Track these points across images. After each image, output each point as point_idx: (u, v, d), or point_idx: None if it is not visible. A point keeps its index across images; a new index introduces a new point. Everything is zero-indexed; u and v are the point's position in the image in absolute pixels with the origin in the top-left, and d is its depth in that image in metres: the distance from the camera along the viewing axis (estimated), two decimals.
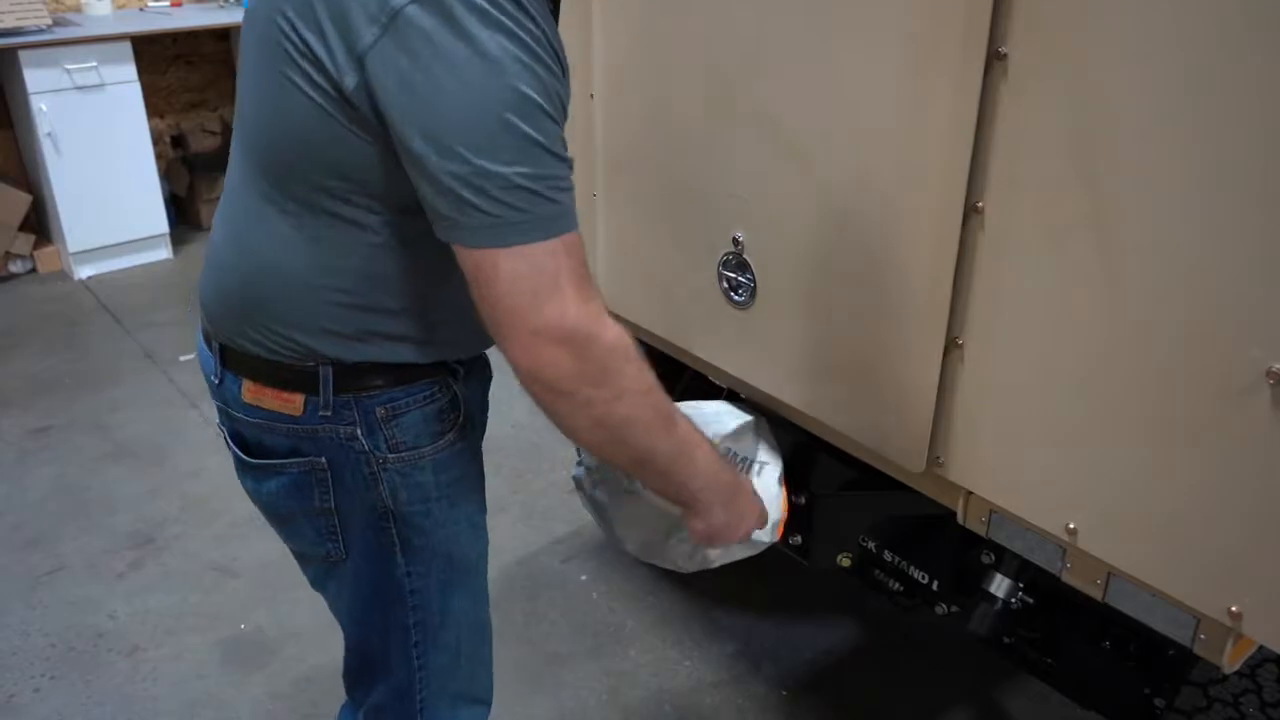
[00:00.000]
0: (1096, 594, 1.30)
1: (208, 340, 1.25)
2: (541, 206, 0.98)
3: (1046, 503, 1.30)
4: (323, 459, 1.20)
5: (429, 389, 1.21)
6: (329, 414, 1.17)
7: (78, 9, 4.50)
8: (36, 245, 4.34)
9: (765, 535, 1.64)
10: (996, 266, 1.26)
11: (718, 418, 1.67)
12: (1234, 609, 1.13)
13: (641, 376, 1.08)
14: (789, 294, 1.54)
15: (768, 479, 1.67)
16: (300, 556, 1.34)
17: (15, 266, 4.31)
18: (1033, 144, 1.18)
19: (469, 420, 1.27)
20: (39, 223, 4.39)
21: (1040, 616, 1.62)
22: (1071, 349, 1.21)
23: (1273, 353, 1.03)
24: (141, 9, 4.73)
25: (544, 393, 1.03)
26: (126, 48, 4.16)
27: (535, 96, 0.96)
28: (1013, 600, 1.60)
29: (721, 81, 1.52)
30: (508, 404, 1.42)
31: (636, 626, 2.40)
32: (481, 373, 1.36)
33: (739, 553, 1.66)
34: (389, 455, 1.20)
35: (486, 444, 1.37)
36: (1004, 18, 1.16)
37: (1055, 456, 1.27)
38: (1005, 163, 1.21)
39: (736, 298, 1.61)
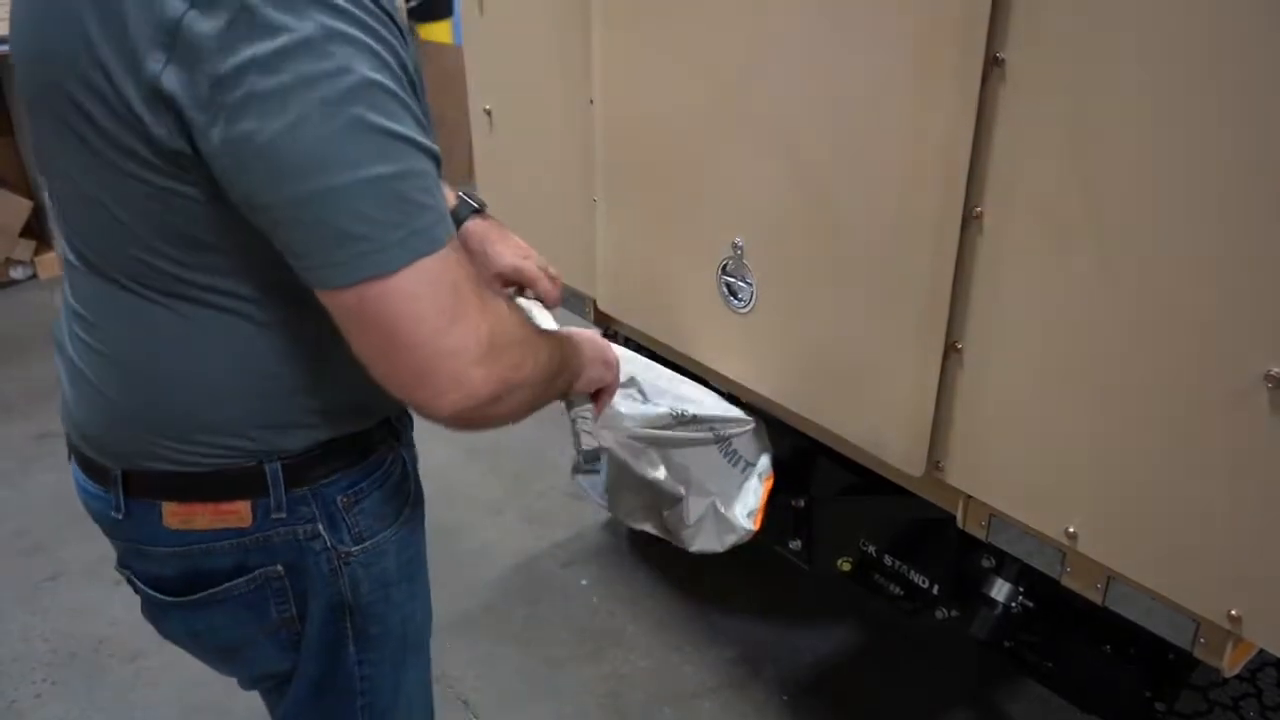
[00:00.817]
0: (1096, 598, 1.30)
1: (91, 473, 1.06)
2: (418, 216, 0.82)
3: (1046, 507, 1.30)
4: (278, 566, 1.06)
5: (382, 463, 1.10)
6: (283, 515, 1.03)
7: None
8: (38, 251, 4.35)
9: (744, 521, 1.69)
10: (995, 271, 1.26)
11: (714, 411, 1.69)
12: (1233, 612, 1.13)
13: (530, 332, 1.00)
14: (788, 298, 1.54)
15: (752, 476, 1.71)
16: (247, 680, 1.20)
17: (16, 273, 4.31)
18: (1031, 149, 1.18)
19: (418, 485, 1.19)
20: (40, 229, 4.39)
21: (1040, 620, 1.62)
22: (1070, 353, 1.21)
23: (1272, 356, 1.03)
24: None
25: (477, 417, 0.92)
26: None
27: (377, 77, 0.79)
28: (1013, 604, 1.60)
29: (721, 87, 1.52)
30: None
31: (636, 630, 2.40)
32: (409, 423, 1.24)
33: (717, 538, 1.71)
34: (352, 549, 1.09)
35: (486, 446, 1.37)
36: (1002, 23, 1.16)
37: (1055, 461, 1.27)
38: (1004, 168, 1.22)
39: (736, 302, 1.61)
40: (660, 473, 1.67)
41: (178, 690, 2.22)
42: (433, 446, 3.40)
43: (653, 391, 1.63)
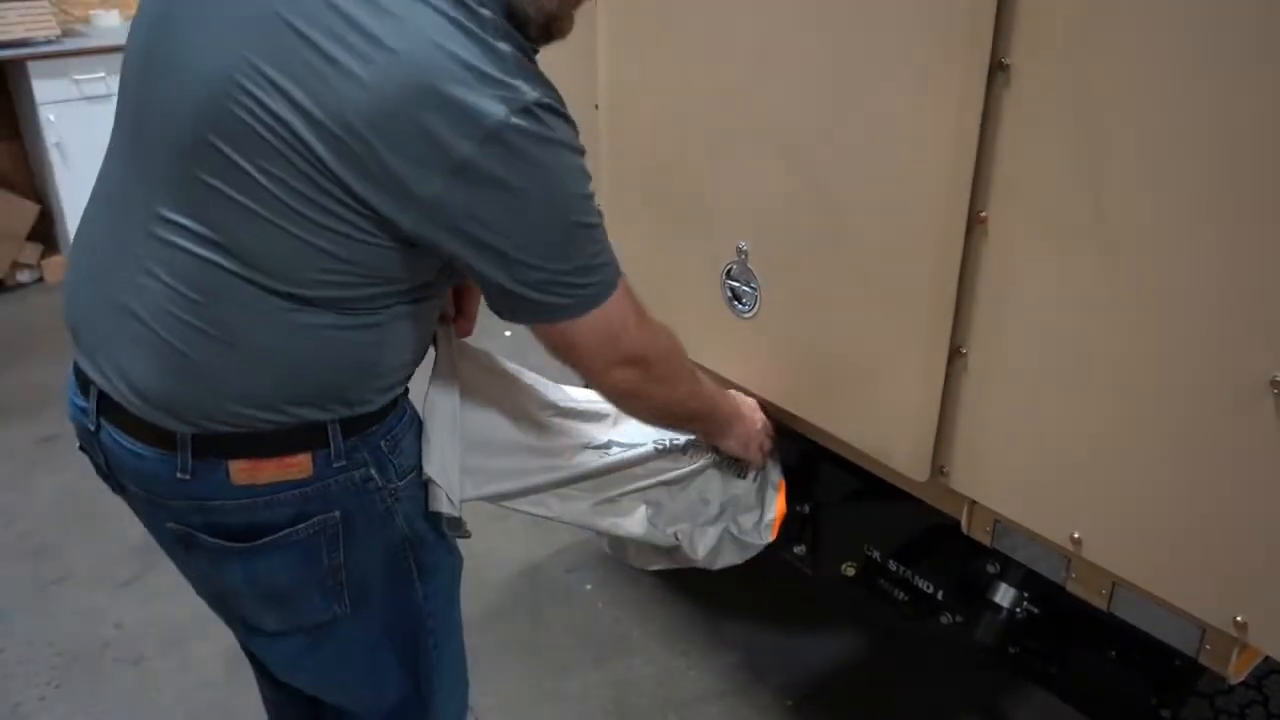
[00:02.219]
0: (1101, 604, 1.30)
1: (146, 437, 1.11)
2: (601, 273, 1.12)
3: (1051, 512, 1.30)
4: (335, 513, 1.17)
5: (406, 408, 1.25)
6: (343, 463, 1.15)
7: (86, 20, 4.52)
8: (44, 255, 4.36)
9: (761, 536, 1.65)
10: (1000, 276, 1.26)
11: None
12: (1239, 619, 1.13)
13: (685, 365, 1.35)
14: (793, 303, 1.54)
15: (763, 483, 1.68)
16: (278, 635, 1.26)
17: (23, 276, 4.33)
18: (1035, 154, 1.18)
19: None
20: (46, 233, 4.40)
21: (1045, 626, 1.61)
22: (1075, 358, 1.21)
23: (1276, 362, 1.03)
24: None
25: (620, 397, 1.30)
26: None
27: (584, 190, 1.07)
28: (1018, 610, 1.60)
29: (725, 92, 1.52)
30: None
31: (641, 636, 2.40)
32: None
33: (738, 554, 1.67)
34: (399, 484, 1.22)
35: None
36: (1007, 29, 1.16)
37: (1059, 466, 1.27)
38: (1008, 172, 1.22)
39: (740, 306, 1.61)
40: (650, 533, 1.59)
41: (183, 693, 2.22)
42: None
43: (627, 434, 1.57)
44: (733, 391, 1.59)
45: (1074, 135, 1.14)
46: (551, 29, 1.14)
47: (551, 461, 1.47)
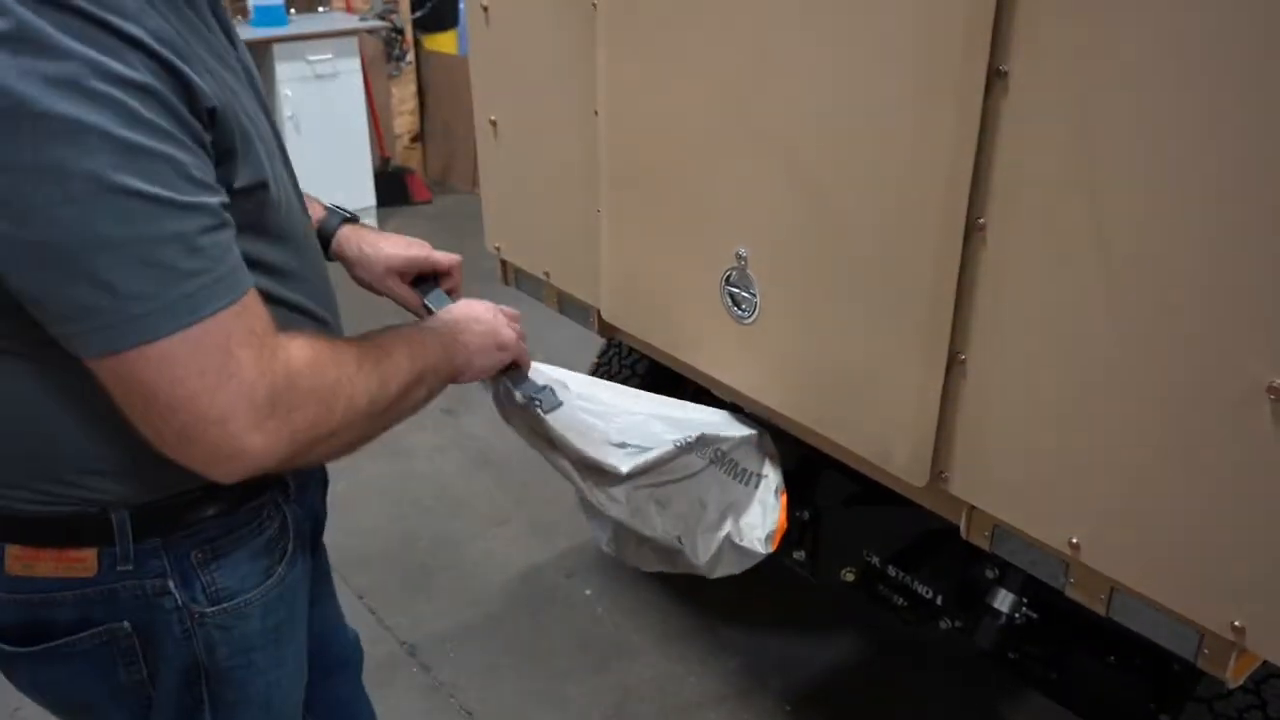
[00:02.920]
0: (1100, 609, 1.30)
1: None
2: (175, 285, 0.77)
3: (1049, 517, 1.30)
4: (125, 624, 0.97)
5: (254, 517, 1.01)
6: (130, 568, 0.95)
7: None
8: None
9: (761, 546, 1.65)
10: (998, 282, 1.27)
11: (716, 426, 1.68)
12: (1237, 623, 1.13)
13: (345, 372, 0.92)
14: (792, 309, 1.54)
15: (764, 490, 1.68)
16: None
17: None
18: (1034, 161, 1.19)
19: (300, 541, 1.09)
20: None
21: (1044, 631, 1.62)
22: (1073, 364, 1.21)
23: (1274, 368, 1.03)
24: None
25: (284, 466, 0.88)
26: None
27: (132, 136, 0.73)
28: (1017, 615, 1.60)
29: (725, 98, 1.52)
30: None
31: (641, 641, 2.40)
32: (320, 477, 1.19)
33: (738, 563, 1.67)
34: (207, 609, 0.99)
35: (494, 456, 1.36)
36: (1005, 36, 1.17)
37: (1058, 471, 1.27)
38: (1006, 179, 1.22)
39: (739, 312, 1.62)
40: (656, 529, 1.58)
41: None
42: (441, 456, 3.41)
43: (645, 435, 1.56)
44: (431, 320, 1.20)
45: (1072, 142, 1.14)
46: None
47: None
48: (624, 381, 2.35)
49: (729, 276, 1.61)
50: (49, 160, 0.71)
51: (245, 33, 4.65)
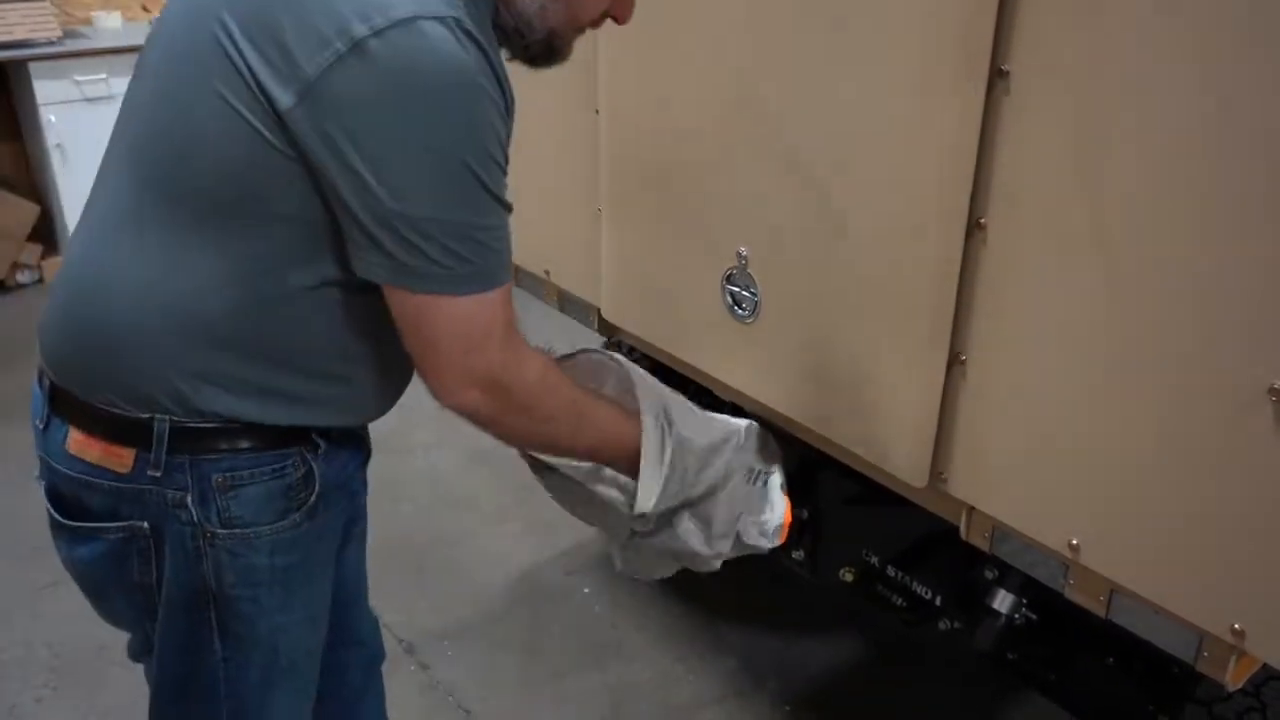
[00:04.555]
0: (1099, 610, 1.30)
1: (40, 379, 1.15)
2: (487, 258, 1.00)
3: (1049, 519, 1.30)
4: (145, 524, 1.08)
5: (279, 462, 1.10)
6: (159, 474, 1.06)
7: (87, 21, 4.52)
8: (44, 255, 4.36)
9: (768, 539, 1.65)
10: (999, 282, 1.26)
11: (716, 424, 1.67)
12: (1237, 626, 1.13)
13: (559, 401, 1.16)
14: (792, 308, 1.54)
15: (772, 484, 1.68)
16: (117, 626, 1.24)
17: (22, 277, 4.33)
18: (1035, 160, 1.18)
19: (323, 500, 1.15)
20: (46, 233, 4.41)
21: (1044, 633, 1.61)
22: (1074, 365, 1.21)
23: (1275, 371, 1.03)
24: (151, 21, 4.76)
25: (470, 421, 1.10)
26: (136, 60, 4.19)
27: (491, 146, 0.97)
28: (1016, 616, 1.60)
29: (725, 98, 1.52)
30: None
31: (639, 640, 2.40)
32: (354, 446, 1.24)
33: (738, 551, 1.66)
34: (219, 530, 1.08)
35: (492, 454, 1.36)
36: (1006, 36, 1.17)
37: (1058, 472, 1.27)
38: (1007, 179, 1.22)
39: (740, 312, 1.61)
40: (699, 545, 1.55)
41: None
42: (439, 453, 3.41)
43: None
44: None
45: (1073, 142, 1.14)
46: (555, 47, 1.12)
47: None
48: None
49: (730, 275, 1.61)
50: (456, 153, 0.95)
51: None
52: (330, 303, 1.05)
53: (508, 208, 1.02)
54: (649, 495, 1.35)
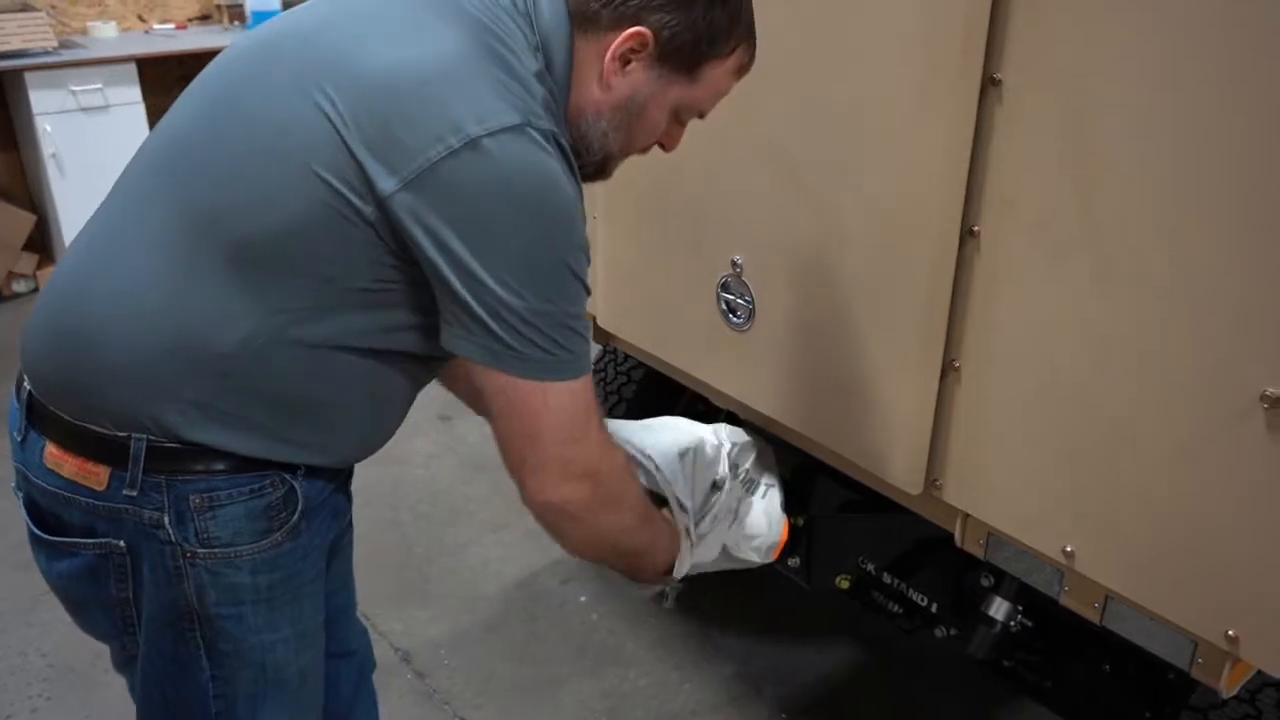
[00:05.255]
0: (1094, 617, 1.30)
1: (19, 390, 1.14)
2: (580, 345, 1.05)
3: (1044, 526, 1.30)
4: (121, 542, 1.08)
5: (256, 482, 1.09)
6: (134, 493, 1.06)
7: (83, 31, 4.53)
8: (40, 265, 4.35)
9: (759, 556, 1.64)
10: (993, 289, 1.27)
11: (720, 436, 1.67)
12: (1231, 633, 1.13)
13: (634, 493, 1.23)
14: (787, 316, 1.54)
15: (772, 501, 1.67)
16: (97, 639, 1.23)
17: (19, 286, 4.32)
18: (1028, 168, 1.19)
19: (305, 519, 1.14)
20: (42, 243, 4.40)
21: (1039, 639, 1.61)
22: (1068, 372, 1.21)
23: (1268, 377, 1.03)
24: (146, 31, 4.77)
25: (558, 519, 1.13)
26: (132, 70, 4.19)
27: (581, 242, 1.03)
28: (1012, 623, 1.60)
29: (721, 105, 1.52)
30: None
31: (636, 648, 2.40)
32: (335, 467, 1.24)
33: (723, 565, 1.66)
34: (198, 550, 1.08)
35: (484, 460, 1.36)
36: (999, 45, 1.17)
37: (1053, 479, 1.27)
38: (1001, 187, 1.22)
39: (735, 319, 1.62)
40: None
41: None
42: (437, 461, 3.40)
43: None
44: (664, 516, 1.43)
45: (1066, 150, 1.15)
46: (606, 168, 1.19)
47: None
48: (619, 389, 2.35)
49: (725, 284, 1.61)
50: (558, 251, 1.01)
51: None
52: (342, 357, 1.07)
53: (589, 292, 1.07)
54: (682, 567, 1.43)
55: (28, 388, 1.11)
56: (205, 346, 1.03)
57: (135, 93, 4.21)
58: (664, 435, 1.52)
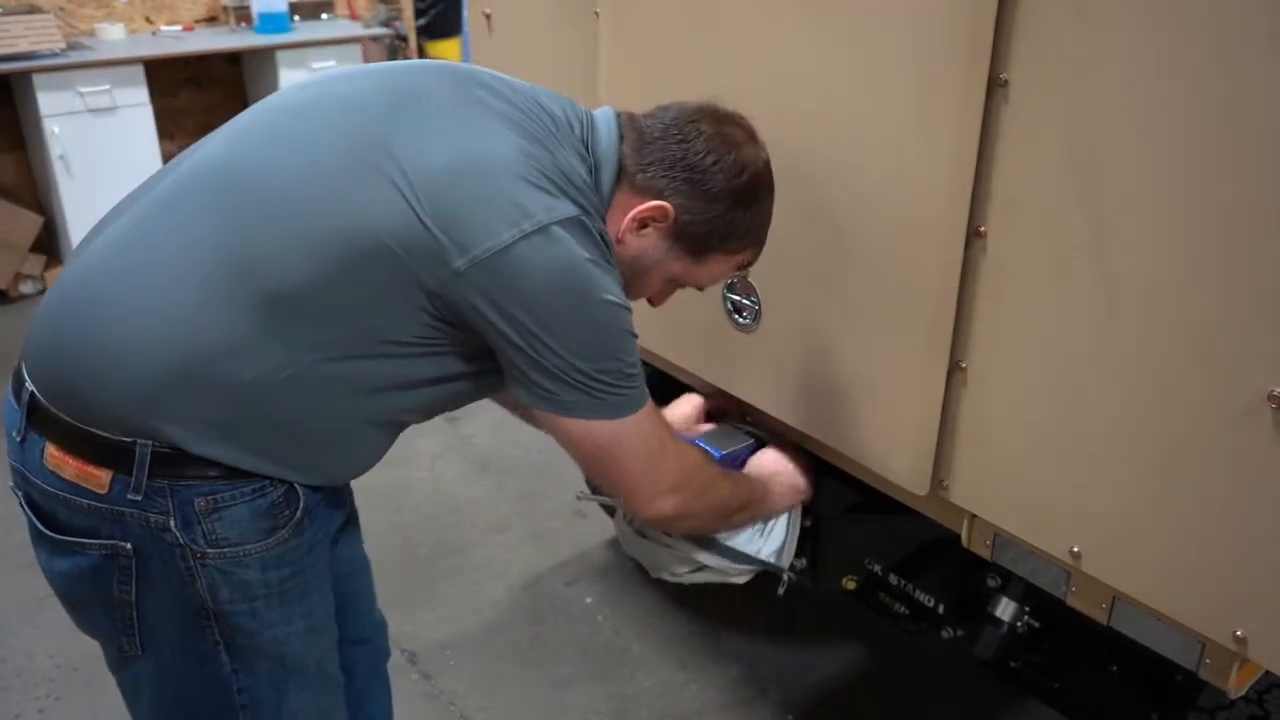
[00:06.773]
0: (1101, 618, 1.30)
1: (18, 391, 1.14)
2: (639, 380, 1.20)
3: (1050, 526, 1.30)
4: (128, 544, 1.10)
5: (257, 484, 1.12)
6: (139, 498, 1.08)
7: (91, 33, 4.54)
8: (47, 266, 4.37)
9: (775, 558, 1.65)
10: (999, 290, 1.27)
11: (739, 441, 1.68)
12: (1239, 633, 1.13)
13: (714, 471, 1.43)
14: (793, 317, 1.54)
15: (792, 519, 1.68)
16: (93, 637, 1.25)
17: (26, 288, 4.34)
18: (1034, 169, 1.19)
19: (308, 516, 1.18)
20: (50, 244, 4.42)
21: (1046, 640, 1.61)
22: (1074, 372, 1.21)
23: (1274, 377, 1.03)
24: (154, 33, 4.78)
25: (668, 523, 1.41)
26: (139, 71, 4.20)
27: (627, 306, 1.17)
28: (1018, 624, 1.60)
29: (726, 104, 1.52)
30: (516, 425, 1.42)
31: (641, 649, 2.40)
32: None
33: (739, 571, 1.67)
34: (208, 550, 1.10)
35: (489, 461, 1.38)
36: (1005, 45, 1.17)
37: (1059, 480, 1.27)
38: (1007, 187, 1.22)
39: (741, 320, 1.62)
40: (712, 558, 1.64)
41: None
42: (442, 463, 3.40)
43: None
44: (757, 457, 1.64)
45: (1072, 150, 1.14)
46: (635, 285, 1.29)
47: None
48: None
49: (730, 284, 1.61)
50: (616, 320, 1.16)
51: (249, 40, 4.66)
52: (360, 398, 1.13)
53: (637, 337, 1.20)
54: (791, 551, 1.64)
55: (29, 388, 1.11)
56: (225, 372, 1.06)
57: (143, 94, 4.22)
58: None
